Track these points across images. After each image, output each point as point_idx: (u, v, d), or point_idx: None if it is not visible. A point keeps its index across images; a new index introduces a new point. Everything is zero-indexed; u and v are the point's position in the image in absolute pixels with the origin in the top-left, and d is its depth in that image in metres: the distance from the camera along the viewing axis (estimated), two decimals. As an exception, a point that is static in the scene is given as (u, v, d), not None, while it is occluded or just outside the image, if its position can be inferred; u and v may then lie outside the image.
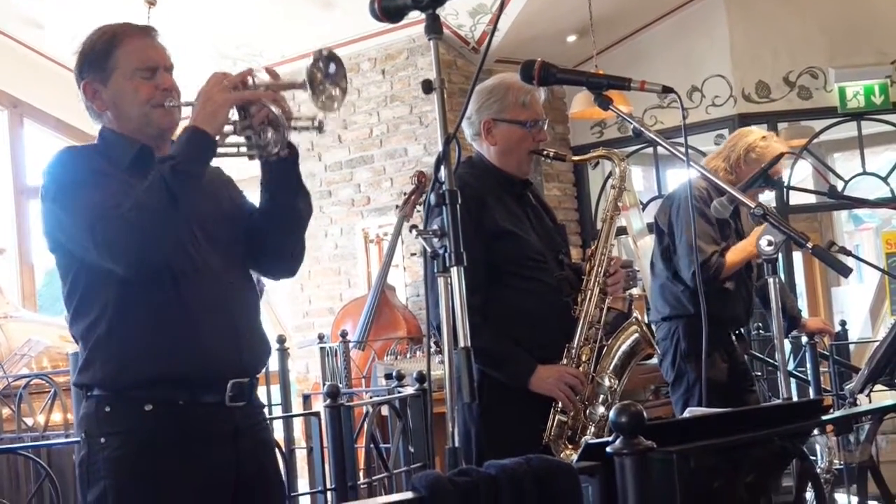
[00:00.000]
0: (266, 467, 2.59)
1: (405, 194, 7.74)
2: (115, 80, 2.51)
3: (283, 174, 2.58)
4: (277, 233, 2.63)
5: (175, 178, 2.31)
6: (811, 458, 2.20)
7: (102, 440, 2.40)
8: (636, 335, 3.28)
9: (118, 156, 2.50)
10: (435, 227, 2.12)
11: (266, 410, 2.80)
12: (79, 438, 2.49)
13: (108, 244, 2.30)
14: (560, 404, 3.15)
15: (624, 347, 3.28)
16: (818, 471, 2.46)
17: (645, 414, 1.61)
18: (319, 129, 2.51)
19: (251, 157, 2.55)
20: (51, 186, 2.43)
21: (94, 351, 2.43)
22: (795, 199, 8.57)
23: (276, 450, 2.80)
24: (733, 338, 4.47)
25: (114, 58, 2.50)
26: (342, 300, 8.20)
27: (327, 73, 2.42)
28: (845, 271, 2.76)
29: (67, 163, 2.48)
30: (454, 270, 2.07)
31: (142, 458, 2.38)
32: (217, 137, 2.41)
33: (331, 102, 2.43)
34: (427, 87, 2.17)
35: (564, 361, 3.18)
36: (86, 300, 2.45)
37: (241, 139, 2.50)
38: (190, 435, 2.41)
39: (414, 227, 2.26)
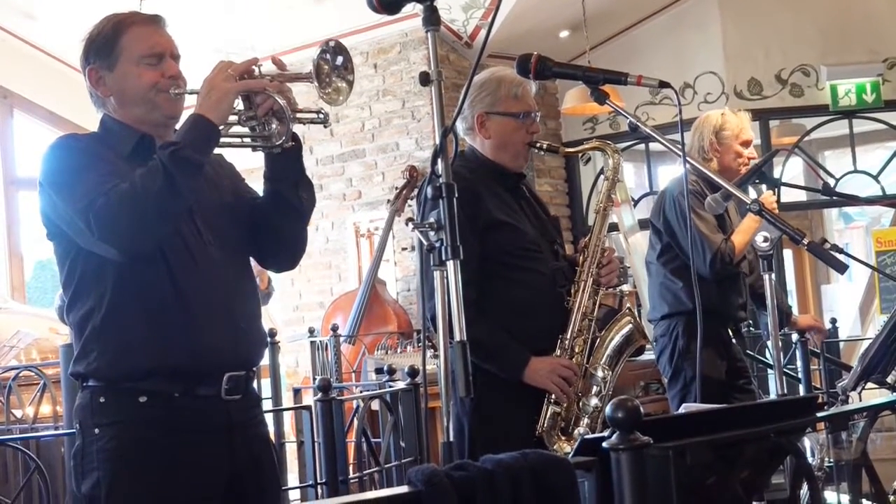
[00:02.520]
0: (260, 461, 2.57)
1: (396, 189, 7.74)
2: (120, 66, 2.49)
3: (286, 166, 2.56)
4: (280, 223, 2.62)
5: (175, 162, 2.29)
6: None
7: (96, 431, 2.39)
8: (630, 326, 3.29)
9: (119, 144, 2.49)
10: (431, 220, 2.11)
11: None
12: (73, 429, 2.48)
13: (101, 223, 2.28)
14: (553, 396, 3.15)
15: (617, 339, 3.28)
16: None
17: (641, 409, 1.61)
18: (324, 121, 2.49)
19: (255, 149, 2.53)
20: (48, 171, 2.43)
21: (90, 341, 2.42)
22: (786, 196, 8.58)
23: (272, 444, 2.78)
24: (731, 334, 4.46)
25: (120, 44, 2.49)
26: (333, 294, 8.19)
27: (335, 66, 2.41)
28: (842, 268, 2.76)
29: (65, 148, 2.46)
30: (450, 264, 2.07)
31: (135, 449, 2.38)
32: (221, 127, 2.40)
33: (336, 95, 2.42)
34: (424, 79, 2.16)
35: (558, 353, 3.18)
36: (82, 289, 2.44)
37: (245, 130, 2.49)
38: (184, 427, 2.40)
39: (410, 220, 2.25)
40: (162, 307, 2.40)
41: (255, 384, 2.64)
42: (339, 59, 2.41)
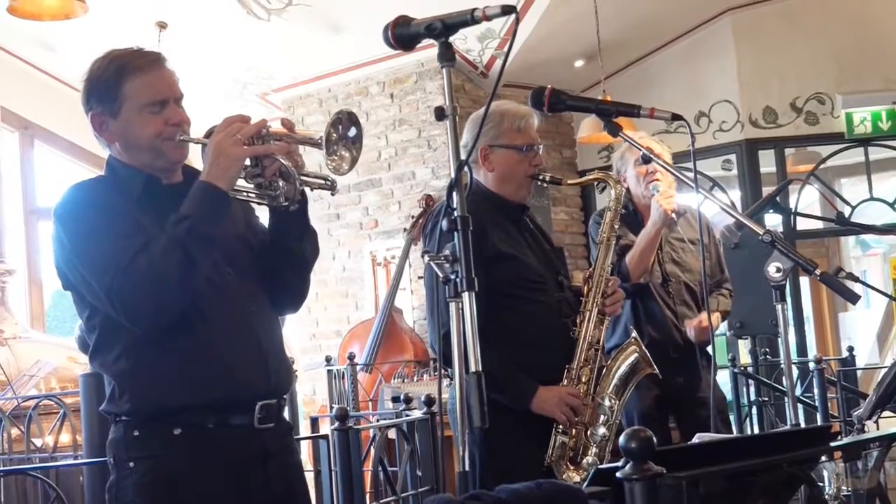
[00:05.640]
0: (295, 489, 2.59)
1: (413, 217, 7.77)
2: (124, 114, 2.48)
3: (290, 220, 2.56)
4: (283, 272, 2.62)
5: (192, 239, 2.32)
6: (819, 484, 2.20)
7: (131, 465, 2.39)
8: (635, 355, 3.32)
9: (127, 187, 2.49)
10: (447, 252, 2.14)
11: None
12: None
13: (125, 307, 2.31)
14: (561, 425, 3.17)
15: (623, 367, 3.32)
16: (826, 497, 2.47)
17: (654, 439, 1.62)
18: (332, 188, 2.50)
19: (259, 204, 2.56)
20: (66, 232, 2.41)
21: (122, 384, 2.42)
22: (802, 224, 8.59)
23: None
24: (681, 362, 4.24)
25: (123, 91, 2.47)
26: (349, 323, 8.22)
27: (344, 135, 2.40)
28: (853, 298, 2.77)
29: (80, 205, 2.45)
30: (465, 296, 2.09)
31: (171, 482, 2.38)
32: None
33: (340, 163, 2.40)
34: (440, 114, 2.19)
35: (565, 382, 3.21)
36: (106, 337, 2.44)
37: (251, 186, 2.49)
38: (219, 458, 2.41)
39: (426, 252, 2.28)
40: (190, 343, 2.40)
41: (285, 413, 2.65)
42: (353, 132, 2.41)
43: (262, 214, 2.70)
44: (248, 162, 2.43)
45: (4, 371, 5.46)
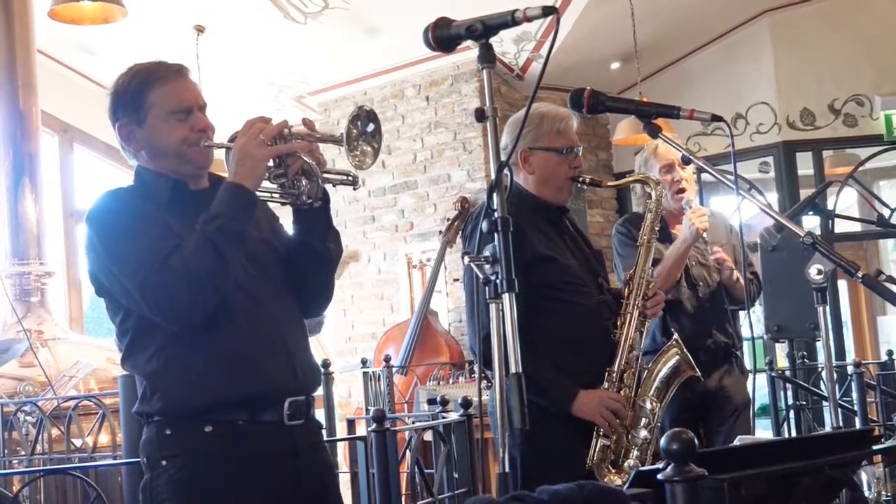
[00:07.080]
0: (327, 487, 2.62)
1: (448, 220, 7.79)
2: (150, 122, 2.54)
3: (315, 219, 2.62)
4: (309, 273, 2.67)
5: (223, 237, 2.38)
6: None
7: (164, 463, 2.44)
8: (677, 357, 3.30)
9: (155, 193, 2.55)
10: (487, 253, 2.15)
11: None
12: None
13: (159, 305, 2.36)
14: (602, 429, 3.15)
15: (665, 370, 3.30)
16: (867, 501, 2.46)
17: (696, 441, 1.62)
18: (353, 183, 2.57)
19: (283, 204, 2.61)
20: (99, 237, 2.47)
21: (153, 383, 2.47)
22: (840, 227, 8.52)
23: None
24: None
25: (148, 100, 2.53)
26: (385, 325, 8.24)
27: (363, 131, 2.47)
28: (896, 301, 2.74)
29: (112, 212, 2.51)
30: (506, 297, 2.10)
31: (204, 478, 2.42)
32: None
33: (363, 158, 2.48)
34: (480, 115, 2.20)
35: (605, 385, 3.19)
36: (138, 340, 2.49)
37: (274, 186, 2.55)
38: (250, 454, 2.45)
39: (467, 253, 2.29)
40: (218, 340, 2.45)
41: (314, 411, 2.68)
42: (371, 127, 2.48)
43: (286, 221, 2.75)
44: (270, 163, 2.50)
45: (45, 372, 5.50)
